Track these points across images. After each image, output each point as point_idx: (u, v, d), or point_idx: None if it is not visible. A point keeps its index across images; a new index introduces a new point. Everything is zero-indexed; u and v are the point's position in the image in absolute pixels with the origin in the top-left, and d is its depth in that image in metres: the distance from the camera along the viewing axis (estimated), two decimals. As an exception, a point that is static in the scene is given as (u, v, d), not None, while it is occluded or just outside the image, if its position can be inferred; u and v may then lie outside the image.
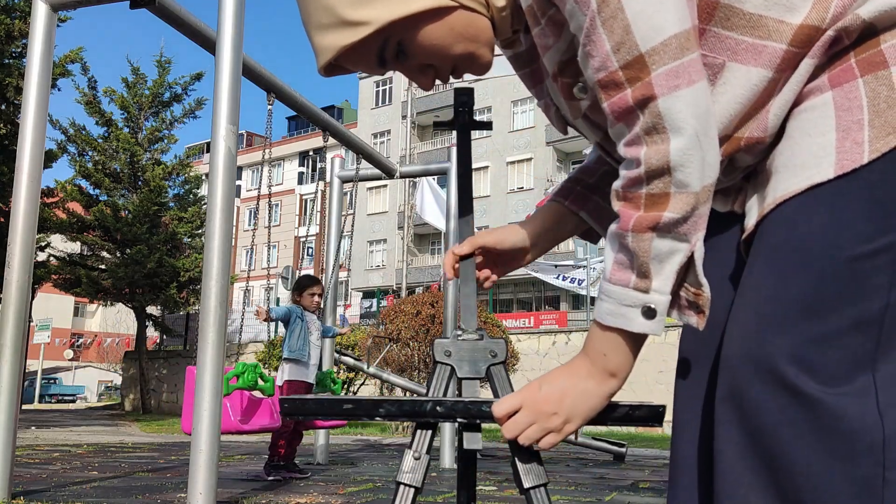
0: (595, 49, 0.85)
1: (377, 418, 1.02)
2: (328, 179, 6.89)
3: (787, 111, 0.91)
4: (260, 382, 4.60)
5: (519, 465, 0.99)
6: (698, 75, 0.84)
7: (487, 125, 1.23)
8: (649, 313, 0.87)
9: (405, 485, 1.01)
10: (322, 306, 5.31)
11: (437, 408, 1.00)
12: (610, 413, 0.97)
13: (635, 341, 0.90)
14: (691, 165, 0.84)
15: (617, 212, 0.89)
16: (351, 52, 0.94)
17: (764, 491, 0.84)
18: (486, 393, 1.03)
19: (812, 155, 0.87)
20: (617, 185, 0.89)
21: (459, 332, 1.08)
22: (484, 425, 1.09)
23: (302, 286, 5.20)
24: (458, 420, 1.01)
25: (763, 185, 0.94)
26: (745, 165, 0.97)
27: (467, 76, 1.00)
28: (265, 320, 4.80)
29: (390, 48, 0.94)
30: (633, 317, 0.87)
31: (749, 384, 0.85)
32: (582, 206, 1.17)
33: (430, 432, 1.03)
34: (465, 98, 1.18)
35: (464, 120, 1.18)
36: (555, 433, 0.93)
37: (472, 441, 1.05)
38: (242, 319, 5.59)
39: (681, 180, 0.84)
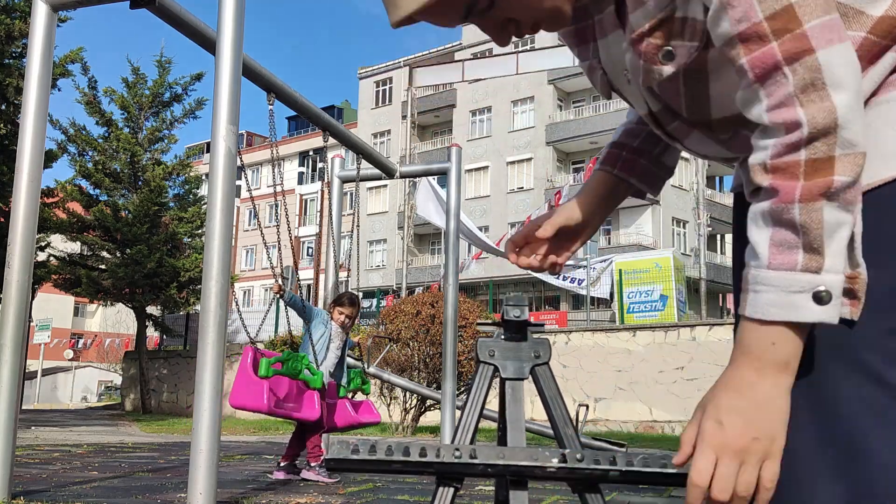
0: None
1: (426, 476, 0.96)
2: (328, 179, 6.87)
3: (864, 101, 0.88)
4: (307, 374, 4.72)
5: None
6: (846, 35, 0.79)
7: None
8: (821, 298, 0.78)
9: (445, 484, 0.98)
10: (349, 328, 5.36)
11: (488, 469, 0.94)
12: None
13: (801, 333, 0.81)
14: (857, 122, 0.77)
15: (768, 187, 0.81)
16: (439, 3, 0.86)
17: (834, 480, 0.81)
18: (530, 393, 0.98)
19: None
20: (760, 158, 0.81)
21: (503, 332, 1.04)
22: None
23: (338, 302, 5.28)
24: (510, 478, 0.95)
25: None
26: None
27: (469, 75, 0.97)
28: (277, 292, 4.81)
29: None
30: (804, 303, 0.78)
31: (828, 372, 0.82)
32: (631, 172, 1.15)
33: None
34: None
35: None
36: (769, 460, 0.81)
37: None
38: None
39: (848, 139, 0.77)
